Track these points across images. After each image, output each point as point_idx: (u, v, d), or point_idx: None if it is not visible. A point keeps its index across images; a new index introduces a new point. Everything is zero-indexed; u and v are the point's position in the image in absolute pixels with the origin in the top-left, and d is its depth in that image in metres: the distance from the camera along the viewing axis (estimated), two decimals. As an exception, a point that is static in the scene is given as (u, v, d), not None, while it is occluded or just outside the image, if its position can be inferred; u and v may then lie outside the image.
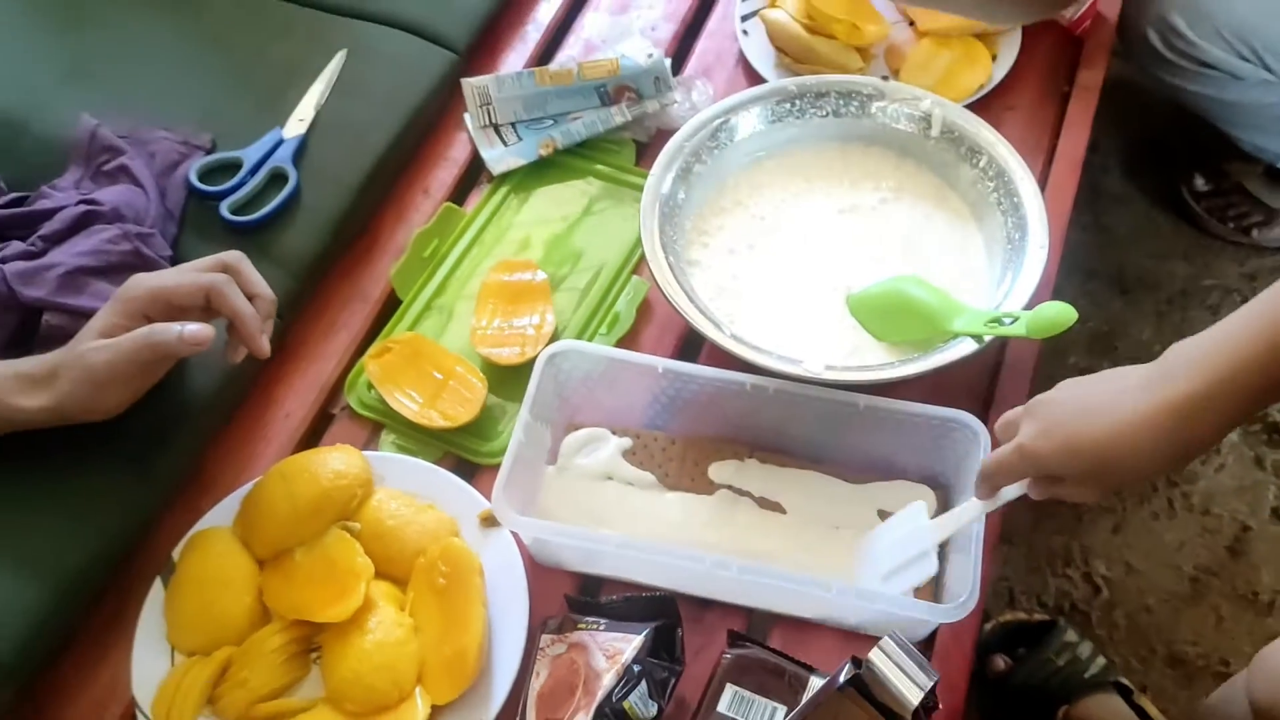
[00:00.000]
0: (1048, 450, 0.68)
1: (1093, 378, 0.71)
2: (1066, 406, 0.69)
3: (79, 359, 0.76)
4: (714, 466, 0.88)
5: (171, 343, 0.78)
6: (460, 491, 0.86)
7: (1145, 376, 0.66)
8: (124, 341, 0.77)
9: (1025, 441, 0.69)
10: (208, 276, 0.80)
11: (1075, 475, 0.68)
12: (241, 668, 0.78)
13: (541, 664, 0.77)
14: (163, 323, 0.78)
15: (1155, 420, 0.64)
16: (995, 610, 1.28)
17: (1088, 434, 0.66)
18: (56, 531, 0.81)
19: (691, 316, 0.87)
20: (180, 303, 0.80)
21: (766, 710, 0.73)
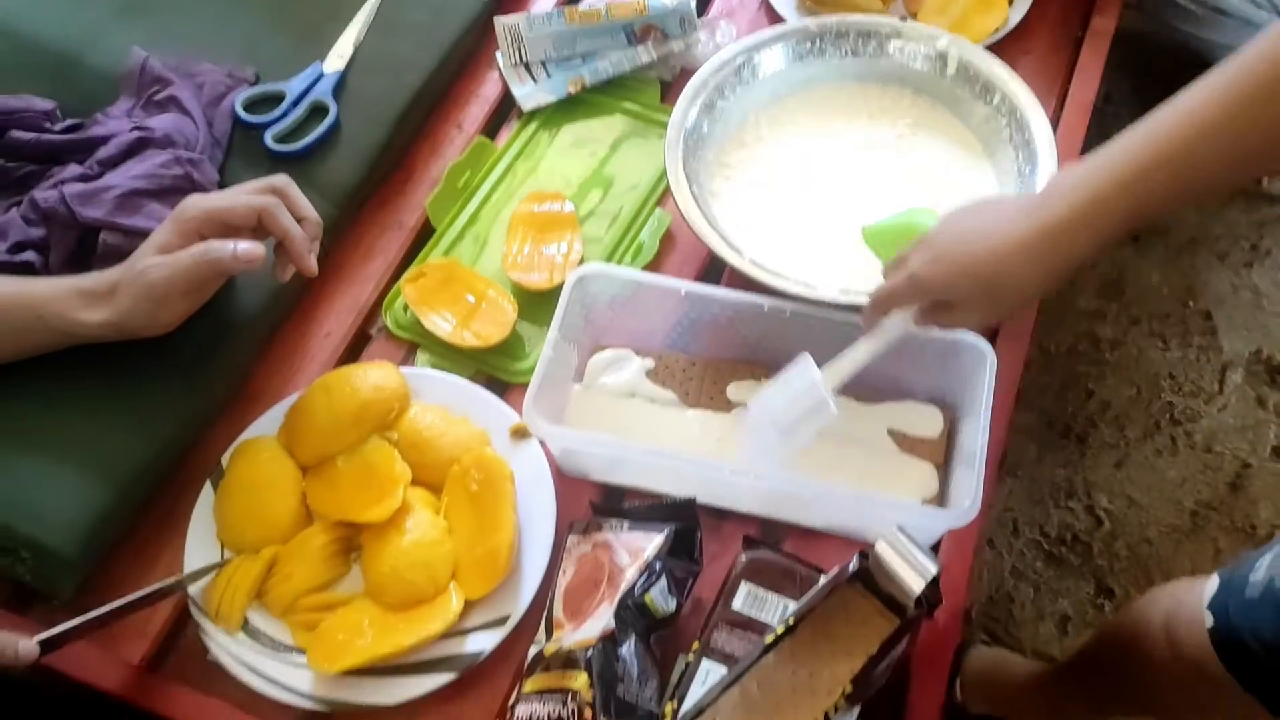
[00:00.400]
0: (938, 275, 0.73)
1: (974, 207, 0.76)
2: (953, 236, 0.73)
3: (138, 275, 0.81)
4: (732, 386, 0.93)
5: (226, 259, 0.82)
6: (491, 406, 0.92)
7: (1025, 203, 0.71)
8: (181, 258, 0.81)
9: (916, 269, 0.74)
10: (260, 198, 0.85)
11: (963, 298, 0.72)
12: (287, 563, 0.84)
13: (568, 562, 0.83)
14: (217, 240, 0.83)
15: (1033, 244, 0.69)
16: (999, 541, 1.33)
17: (974, 258, 0.71)
18: (115, 437, 0.86)
19: (712, 242, 0.91)
20: (233, 223, 0.84)
21: (779, 606, 0.78)
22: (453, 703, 0.80)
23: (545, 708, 0.72)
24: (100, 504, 0.84)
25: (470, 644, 0.81)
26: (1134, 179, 0.66)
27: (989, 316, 0.74)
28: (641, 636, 0.76)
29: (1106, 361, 1.52)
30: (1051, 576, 1.36)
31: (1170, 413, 1.48)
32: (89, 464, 0.85)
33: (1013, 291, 0.71)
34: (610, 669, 0.73)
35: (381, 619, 0.81)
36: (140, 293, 0.82)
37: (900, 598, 0.69)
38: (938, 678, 0.79)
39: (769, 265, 0.90)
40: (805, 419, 0.81)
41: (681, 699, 0.75)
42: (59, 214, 0.86)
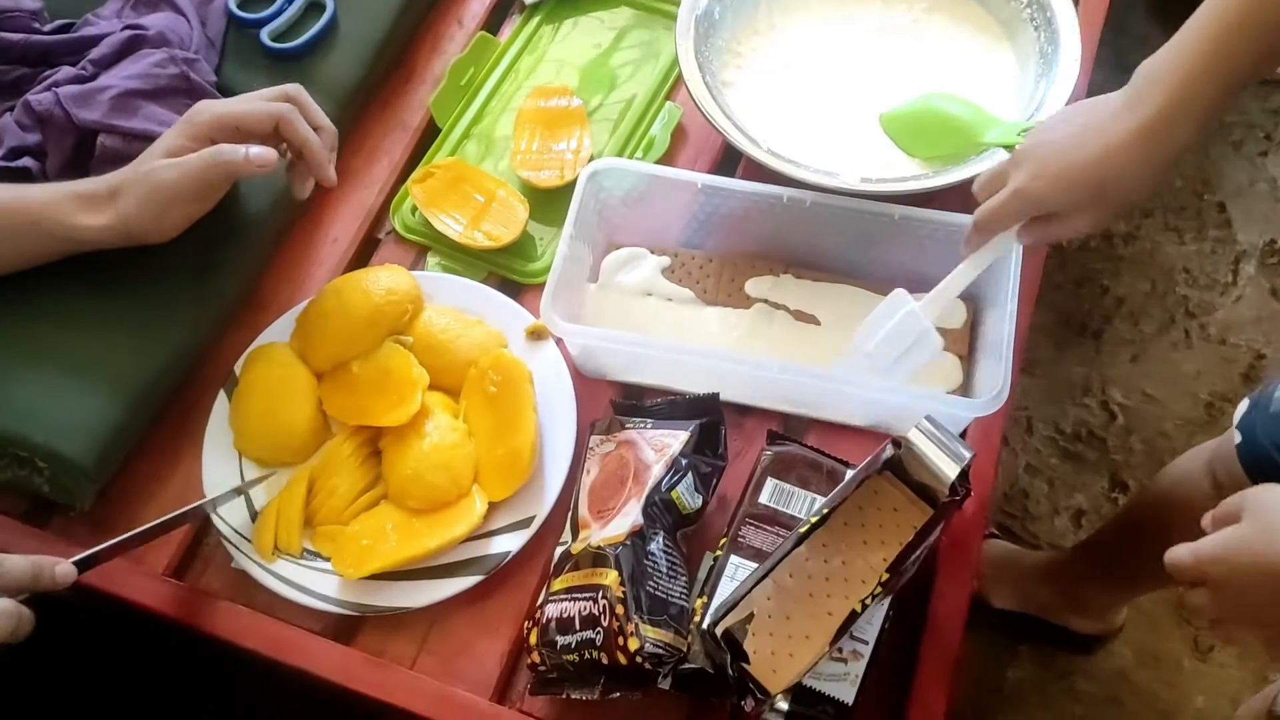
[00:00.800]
0: (1043, 187, 0.70)
1: (1063, 115, 0.73)
2: (1051, 148, 0.70)
3: (145, 177, 0.79)
4: (750, 282, 0.91)
5: (238, 162, 0.80)
6: (506, 308, 0.90)
7: (1118, 104, 0.68)
8: (191, 160, 0.79)
9: (1020, 185, 0.71)
10: (277, 105, 0.82)
11: (1071, 206, 0.70)
12: (327, 478, 0.83)
13: (591, 461, 0.82)
14: (229, 144, 0.80)
15: (1135, 142, 0.66)
16: (1014, 439, 1.32)
17: (1078, 165, 0.68)
18: (126, 347, 0.85)
19: (728, 132, 0.88)
20: (248, 129, 0.81)
21: (805, 500, 0.78)
22: (481, 603, 0.80)
23: (575, 605, 0.72)
24: (114, 413, 0.83)
25: (496, 545, 0.80)
26: (1220, 51, 0.63)
27: (1098, 221, 0.71)
28: (669, 533, 0.76)
29: (1121, 257, 1.50)
30: (1067, 472, 1.36)
31: (1185, 306, 1.46)
32: (101, 374, 0.84)
33: (1122, 194, 0.69)
34: (640, 565, 0.72)
35: (405, 523, 0.80)
36: (147, 194, 0.79)
37: (934, 485, 0.68)
38: (965, 566, 0.79)
39: (787, 154, 0.88)
40: (908, 354, 0.79)
41: (711, 594, 0.74)
42: (55, 117, 0.84)
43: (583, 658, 0.71)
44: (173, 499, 0.85)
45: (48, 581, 0.70)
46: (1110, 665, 1.24)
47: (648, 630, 0.70)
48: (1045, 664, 1.25)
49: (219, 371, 0.88)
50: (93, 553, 0.74)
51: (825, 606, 0.68)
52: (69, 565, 0.72)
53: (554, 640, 0.72)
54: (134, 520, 0.84)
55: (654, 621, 0.71)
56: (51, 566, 0.71)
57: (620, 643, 0.69)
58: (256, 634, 0.79)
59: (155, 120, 0.85)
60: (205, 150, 0.80)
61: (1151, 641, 1.25)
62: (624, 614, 0.70)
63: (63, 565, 0.71)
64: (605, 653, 0.70)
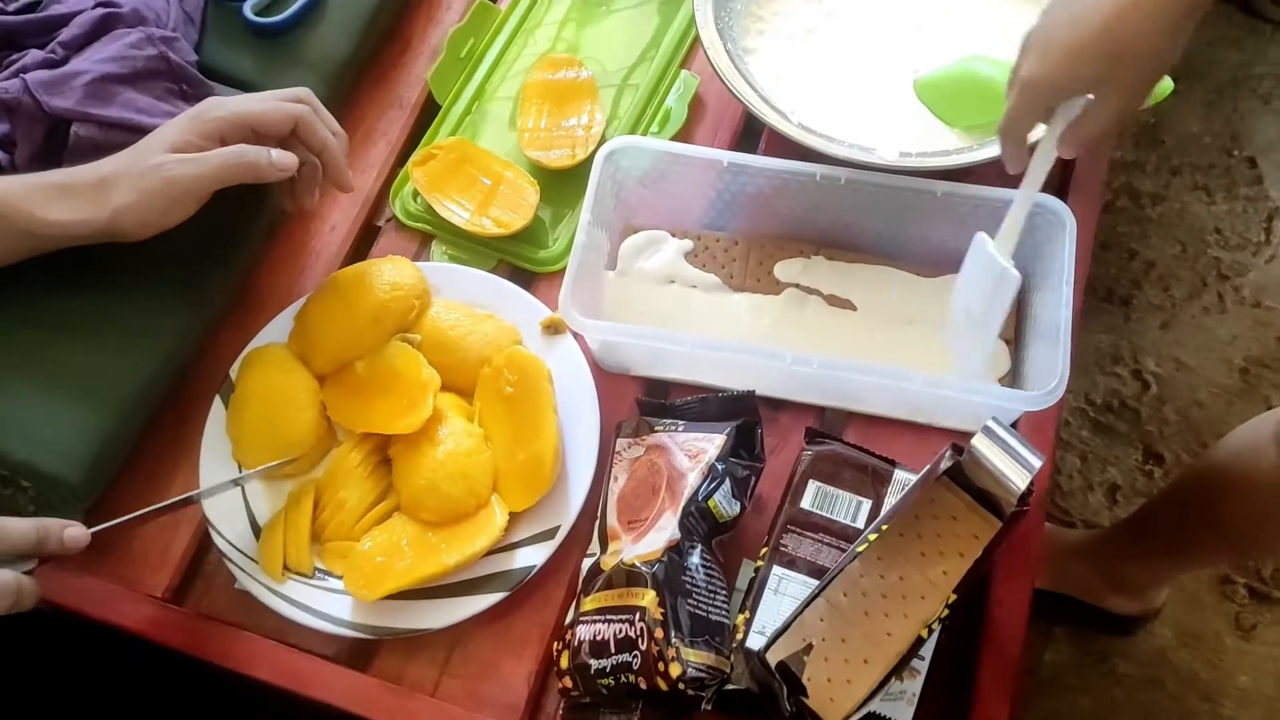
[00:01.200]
0: (1053, 68, 0.63)
1: None
2: (1058, 22, 0.63)
3: (154, 171, 0.72)
4: (780, 265, 0.85)
5: (262, 164, 0.74)
6: (518, 300, 0.84)
7: None
8: (210, 158, 0.73)
9: (1027, 74, 0.64)
10: (295, 106, 0.76)
11: (1088, 81, 0.62)
12: (335, 491, 0.77)
13: (619, 467, 0.76)
14: (249, 145, 0.74)
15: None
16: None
17: (1088, 34, 0.61)
18: (112, 351, 0.78)
19: (755, 106, 0.82)
20: (264, 130, 0.75)
21: (850, 504, 0.72)
22: (505, 621, 0.75)
23: (610, 627, 0.67)
24: (101, 425, 0.77)
25: (519, 559, 0.75)
26: None
27: (1128, 100, 0.63)
28: (705, 543, 0.71)
29: (1149, 218, 1.44)
30: (1099, 445, 1.31)
31: (1217, 268, 1.41)
32: (86, 382, 0.77)
33: (1143, 57, 0.60)
34: (678, 582, 0.67)
35: (421, 538, 0.75)
36: (155, 190, 0.73)
37: (999, 494, 0.62)
38: (1024, 570, 0.74)
39: (818, 128, 0.81)
40: (993, 299, 0.73)
41: (754, 609, 0.69)
42: (23, 105, 0.77)
43: (618, 682, 0.66)
44: (170, 515, 0.79)
45: (54, 546, 0.66)
46: (1150, 646, 1.20)
47: (689, 654, 0.65)
48: (1083, 646, 1.20)
49: (213, 376, 0.82)
50: (107, 527, 0.69)
51: (883, 627, 0.63)
52: (81, 529, 0.67)
53: (587, 664, 0.67)
54: (129, 540, 0.79)
55: (695, 643, 0.66)
56: (60, 529, 0.66)
57: (660, 668, 0.64)
58: (265, 663, 0.74)
59: (134, 108, 0.78)
60: (228, 149, 0.73)
61: (1192, 620, 1.21)
62: (663, 637, 0.65)
63: (74, 528, 0.66)
64: (644, 677, 0.65)
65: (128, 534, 0.79)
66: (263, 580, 0.75)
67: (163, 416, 0.82)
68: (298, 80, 0.89)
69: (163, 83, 0.81)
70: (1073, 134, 0.66)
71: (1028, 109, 0.66)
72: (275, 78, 0.89)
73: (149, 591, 0.77)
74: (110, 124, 0.78)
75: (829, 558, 0.70)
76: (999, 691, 0.69)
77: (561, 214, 0.89)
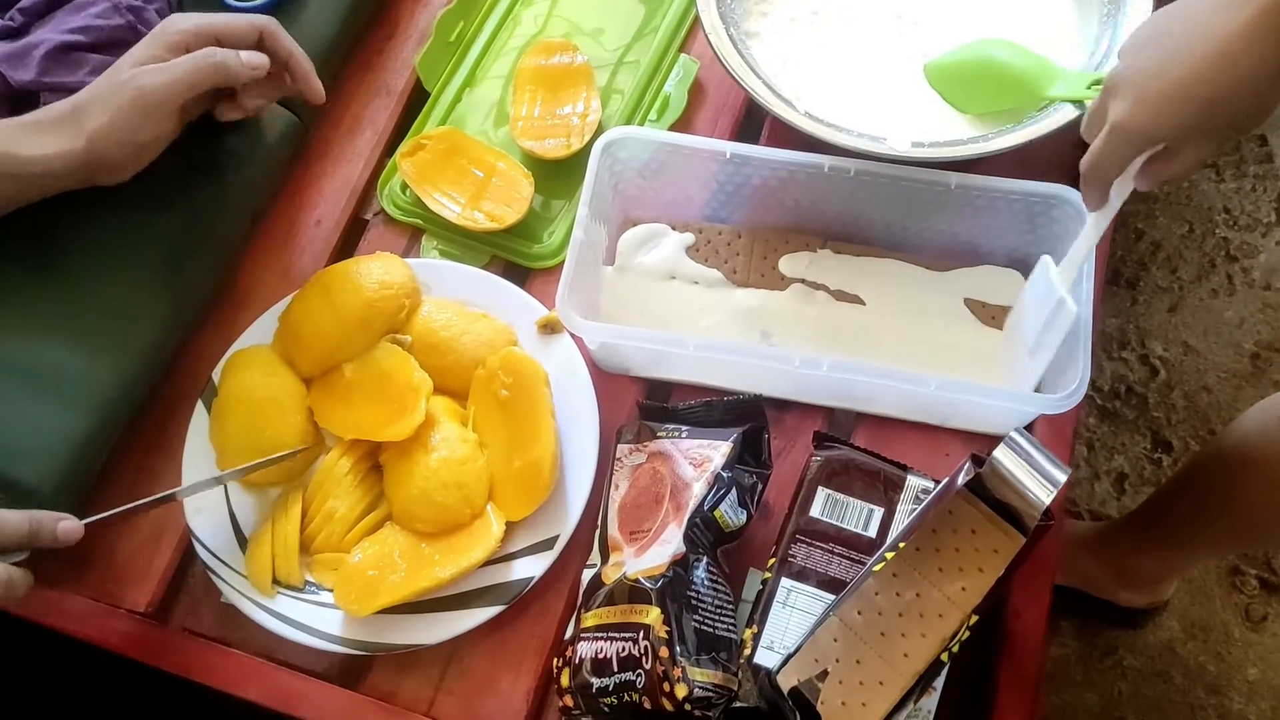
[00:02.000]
0: (1147, 116, 0.58)
1: (1155, 26, 0.60)
2: (1146, 68, 0.59)
3: (124, 85, 0.70)
4: (785, 259, 0.82)
5: (232, 63, 0.73)
6: (513, 297, 0.80)
7: None
8: (181, 62, 0.72)
9: (1118, 119, 0.60)
10: (260, 17, 0.76)
11: (1184, 130, 0.58)
12: (323, 500, 0.74)
13: (620, 474, 0.73)
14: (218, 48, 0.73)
15: (1250, 34, 0.54)
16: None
17: (1182, 81, 0.57)
18: (86, 355, 0.75)
19: (759, 94, 0.78)
20: (229, 40, 0.75)
21: (862, 512, 0.69)
22: (502, 634, 0.72)
23: (613, 646, 0.64)
24: (76, 430, 0.73)
25: (517, 570, 0.72)
26: None
27: (1217, 146, 0.60)
28: (709, 554, 0.68)
29: (1155, 198, 1.41)
30: (1105, 433, 1.28)
31: (1226, 249, 1.37)
32: (59, 385, 0.74)
33: (1241, 103, 0.56)
34: (683, 597, 0.64)
35: (414, 550, 0.72)
36: (128, 103, 0.71)
37: (1021, 508, 0.59)
38: (1043, 580, 0.71)
39: (826, 117, 0.78)
40: (1048, 328, 0.70)
41: (762, 623, 0.67)
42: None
43: (621, 701, 0.64)
44: (152, 527, 0.77)
45: (47, 539, 0.65)
46: (1157, 638, 1.18)
47: (695, 672, 0.62)
48: (1089, 640, 1.18)
49: (195, 379, 0.79)
50: (98, 519, 0.67)
51: (900, 647, 0.60)
52: (74, 522, 0.66)
53: (589, 683, 0.64)
54: (110, 554, 0.76)
55: (700, 661, 0.63)
56: (54, 523, 0.65)
57: (666, 689, 0.61)
58: (253, 681, 0.71)
59: (102, 71, 0.74)
60: (198, 51, 0.73)
61: (1200, 612, 1.19)
62: (669, 656, 0.62)
63: (67, 522, 0.66)
64: (648, 697, 0.62)
65: (109, 547, 0.76)
66: (250, 594, 0.72)
67: (142, 422, 0.79)
68: (279, 67, 0.86)
69: (130, 50, 0.77)
70: (1155, 173, 0.62)
71: (1119, 154, 0.61)
72: (256, 64, 0.86)
73: (130, 607, 0.74)
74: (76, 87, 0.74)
75: (840, 568, 0.68)
76: (1019, 708, 0.67)
77: (557, 206, 0.86)
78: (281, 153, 0.85)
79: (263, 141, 0.83)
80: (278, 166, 0.85)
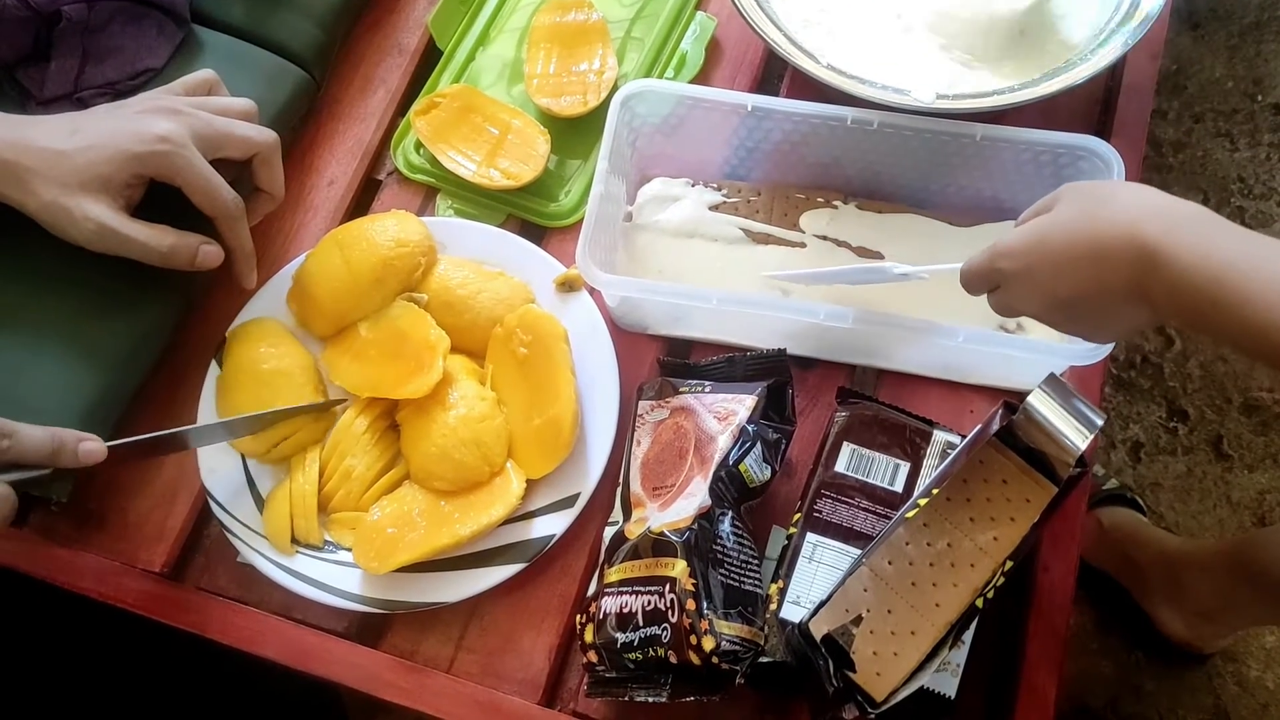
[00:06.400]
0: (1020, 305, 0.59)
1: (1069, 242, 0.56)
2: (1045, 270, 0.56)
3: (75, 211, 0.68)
4: (806, 216, 0.81)
5: (179, 264, 0.72)
6: (530, 255, 0.79)
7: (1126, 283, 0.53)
8: (134, 239, 0.70)
9: (1001, 300, 0.60)
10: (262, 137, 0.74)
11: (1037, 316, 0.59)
12: (341, 459, 0.73)
13: (642, 431, 0.72)
14: (184, 244, 0.72)
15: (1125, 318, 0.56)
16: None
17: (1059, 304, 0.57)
18: (99, 311, 0.74)
19: (782, 47, 0.77)
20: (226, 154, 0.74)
21: (888, 467, 0.68)
22: (524, 592, 0.71)
23: (638, 600, 0.63)
24: (89, 388, 0.72)
25: (537, 528, 0.71)
26: None
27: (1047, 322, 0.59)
28: (734, 509, 0.67)
29: (1170, 166, 1.40)
30: (1121, 402, 1.27)
31: (1241, 218, 1.36)
32: (72, 343, 0.73)
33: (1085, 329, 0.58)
34: (709, 551, 0.63)
35: (433, 508, 0.71)
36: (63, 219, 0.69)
37: (1055, 455, 0.58)
38: (1071, 536, 0.70)
39: (848, 69, 0.77)
40: None
41: (788, 578, 0.66)
42: (7, 7, 0.72)
43: (647, 656, 0.63)
44: (166, 486, 0.76)
45: (68, 458, 0.64)
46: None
47: (722, 626, 0.61)
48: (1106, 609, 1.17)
49: (209, 338, 0.78)
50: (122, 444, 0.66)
51: (931, 597, 0.59)
52: (98, 442, 0.65)
53: (614, 638, 0.63)
54: (125, 512, 0.75)
55: (728, 615, 0.62)
56: (75, 442, 0.64)
57: (693, 641, 0.60)
58: (271, 639, 0.70)
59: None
60: (162, 240, 0.71)
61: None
62: (695, 609, 0.61)
63: (90, 442, 0.64)
64: (674, 651, 0.61)
65: (121, 507, 0.75)
66: (267, 553, 0.71)
67: (156, 379, 0.77)
68: (290, 25, 0.85)
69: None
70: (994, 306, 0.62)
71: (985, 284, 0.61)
72: (266, 22, 0.84)
73: (146, 567, 0.73)
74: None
75: (866, 523, 0.67)
76: (1047, 663, 0.66)
77: (573, 165, 0.85)
78: (293, 113, 0.84)
79: (274, 101, 0.82)
80: (289, 127, 0.84)
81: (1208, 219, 0.52)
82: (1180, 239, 0.50)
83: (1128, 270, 0.52)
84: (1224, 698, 1.14)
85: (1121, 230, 0.52)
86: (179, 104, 0.71)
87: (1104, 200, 0.54)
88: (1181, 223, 0.51)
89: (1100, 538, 1.15)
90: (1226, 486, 1.23)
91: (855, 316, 0.69)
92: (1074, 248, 0.54)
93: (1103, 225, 0.53)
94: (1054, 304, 0.56)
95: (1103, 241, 0.52)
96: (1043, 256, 0.55)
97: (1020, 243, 0.57)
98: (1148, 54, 0.84)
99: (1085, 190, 0.57)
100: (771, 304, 0.71)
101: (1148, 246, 0.50)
